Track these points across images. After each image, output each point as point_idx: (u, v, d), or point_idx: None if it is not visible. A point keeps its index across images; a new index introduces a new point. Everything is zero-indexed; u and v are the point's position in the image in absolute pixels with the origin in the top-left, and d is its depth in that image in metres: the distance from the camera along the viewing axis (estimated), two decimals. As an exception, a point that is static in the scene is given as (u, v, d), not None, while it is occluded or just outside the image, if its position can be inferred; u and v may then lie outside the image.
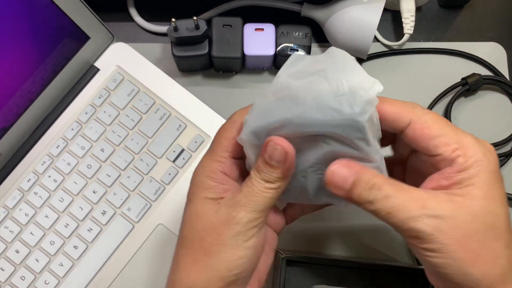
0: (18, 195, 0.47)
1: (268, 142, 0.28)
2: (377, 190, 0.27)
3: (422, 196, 0.27)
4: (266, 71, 0.53)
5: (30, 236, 0.46)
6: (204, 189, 0.30)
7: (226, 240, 0.28)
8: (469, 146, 0.27)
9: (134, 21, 0.53)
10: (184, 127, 0.49)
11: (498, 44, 0.54)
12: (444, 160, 0.28)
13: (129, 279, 0.46)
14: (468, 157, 0.27)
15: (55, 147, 0.48)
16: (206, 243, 0.29)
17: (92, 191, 0.47)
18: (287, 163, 0.28)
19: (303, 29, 0.49)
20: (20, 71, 0.43)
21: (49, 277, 0.46)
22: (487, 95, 0.53)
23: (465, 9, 0.55)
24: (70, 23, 0.45)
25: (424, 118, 0.28)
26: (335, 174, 0.28)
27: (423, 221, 0.26)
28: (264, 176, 0.28)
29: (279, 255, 0.42)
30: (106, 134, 0.48)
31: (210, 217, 0.29)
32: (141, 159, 0.48)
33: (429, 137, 0.28)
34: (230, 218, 0.28)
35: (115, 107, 0.49)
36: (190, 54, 0.48)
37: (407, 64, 0.53)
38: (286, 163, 0.28)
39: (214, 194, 0.30)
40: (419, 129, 0.28)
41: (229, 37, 0.48)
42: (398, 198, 0.27)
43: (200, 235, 0.29)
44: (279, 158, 0.28)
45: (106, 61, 0.50)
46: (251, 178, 0.29)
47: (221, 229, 0.28)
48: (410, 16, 0.51)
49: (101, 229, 0.46)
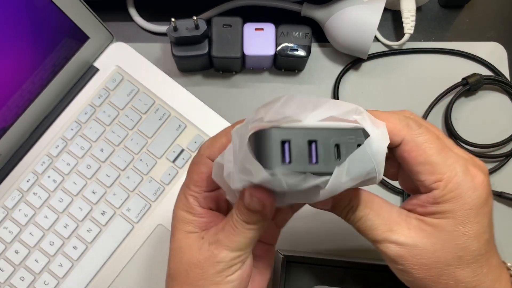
0: (17, 196, 0.47)
1: (244, 191, 0.27)
2: (352, 212, 0.29)
3: (392, 219, 0.28)
4: (266, 71, 0.53)
5: (30, 237, 0.46)
6: (185, 224, 0.30)
7: (209, 276, 0.28)
8: (453, 179, 0.27)
9: (133, 21, 0.53)
10: (184, 127, 0.48)
11: (499, 44, 0.54)
12: (424, 187, 0.28)
13: (128, 279, 0.46)
14: (447, 191, 0.27)
15: (54, 147, 0.48)
16: (190, 277, 0.29)
17: (92, 192, 0.47)
18: (266, 210, 0.27)
19: (303, 29, 0.49)
20: (20, 71, 0.43)
21: (49, 278, 0.45)
22: (487, 95, 0.52)
23: (466, 9, 0.55)
24: (70, 23, 0.44)
25: (417, 140, 0.28)
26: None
27: (386, 245, 0.28)
28: (244, 218, 0.28)
29: (279, 255, 0.41)
30: (105, 134, 0.48)
31: (194, 253, 0.29)
32: (141, 159, 0.48)
33: (416, 163, 0.28)
34: (212, 256, 0.28)
35: (114, 107, 0.49)
36: (190, 54, 0.48)
37: (407, 64, 0.53)
38: (265, 210, 0.27)
39: (195, 228, 0.30)
40: (408, 152, 0.28)
41: (229, 37, 0.48)
42: (368, 221, 0.29)
43: (184, 269, 0.29)
44: (257, 208, 0.27)
45: (106, 61, 0.50)
46: (232, 218, 0.28)
47: (204, 266, 0.28)
48: (411, 16, 0.51)
49: (100, 230, 0.46)
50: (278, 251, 0.43)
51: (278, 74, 0.53)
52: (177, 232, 0.30)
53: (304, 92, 0.52)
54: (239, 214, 0.28)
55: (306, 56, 0.49)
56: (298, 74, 0.53)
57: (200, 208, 0.30)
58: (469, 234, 0.27)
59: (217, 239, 0.29)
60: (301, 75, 0.53)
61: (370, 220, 0.29)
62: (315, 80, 0.53)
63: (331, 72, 0.53)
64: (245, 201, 0.27)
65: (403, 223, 0.28)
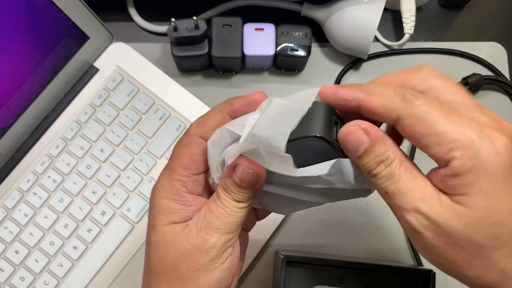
0: (17, 196, 0.47)
1: (237, 165, 0.26)
2: (385, 166, 0.25)
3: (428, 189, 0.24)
4: (266, 71, 0.53)
5: (30, 237, 0.46)
6: (169, 214, 0.28)
7: (202, 266, 0.27)
8: (468, 145, 0.23)
9: (133, 21, 0.53)
10: (184, 127, 0.48)
11: (499, 44, 0.54)
12: (439, 160, 0.24)
13: (128, 280, 0.46)
14: (465, 160, 0.23)
15: (54, 147, 0.48)
16: (181, 270, 0.27)
17: (92, 192, 0.47)
18: (258, 184, 0.27)
19: (303, 29, 0.49)
20: (20, 71, 0.43)
21: (49, 278, 0.45)
22: (487, 95, 0.52)
23: (466, 9, 0.55)
24: (70, 23, 0.44)
25: (416, 111, 0.24)
26: (351, 135, 0.25)
27: (415, 216, 0.24)
28: (234, 196, 0.27)
29: (279, 255, 0.41)
30: (105, 134, 0.48)
31: (182, 243, 0.27)
32: (141, 159, 0.48)
33: (420, 136, 0.24)
34: (203, 242, 0.27)
35: (114, 107, 0.49)
36: (190, 54, 0.48)
37: (407, 64, 0.53)
38: (257, 184, 0.27)
39: (180, 218, 0.28)
40: (408, 127, 0.24)
41: (229, 37, 0.48)
42: (401, 183, 0.24)
43: (173, 263, 0.27)
44: (251, 181, 0.26)
45: (106, 61, 0.50)
46: (220, 198, 0.27)
47: (195, 255, 0.27)
48: (411, 16, 0.51)
49: (100, 230, 0.46)
50: (278, 251, 0.43)
51: (278, 74, 0.53)
52: (158, 223, 0.28)
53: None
54: (229, 193, 0.27)
55: (306, 56, 0.49)
56: (298, 74, 0.53)
57: (188, 194, 0.28)
58: (503, 209, 0.23)
59: (206, 223, 0.27)
60: (301, 75, 0.53)
61: (404, 181, 0.24)
62: (315, 80, 0.53)
63: (331, 72, 0.53)
64: (238, 175, 0.26)
65: (437, 198, 0.24)
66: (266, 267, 0.47)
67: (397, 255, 0.48)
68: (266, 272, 0.47)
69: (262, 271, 0.47)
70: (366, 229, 0.48)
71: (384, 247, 0.48)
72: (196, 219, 0.27)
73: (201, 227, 0.27)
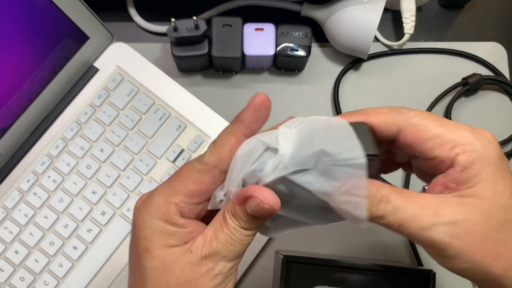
0: (17, 196, 0.47)
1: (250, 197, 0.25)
2: (386, 203, 0.25)
3: (432, 203, 0.26)
4: (266, 71, 0.53)
5: (30, 237, 0.46)
6: (166, 236, 0.26)
7: None
8: (466, 141, 0.26)
9: (133, 21, 0.53)
10: (183, 127, 0.48)
11: (499, 44, 0.54)
12: (443, 161, 0.26)
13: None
14: (469, 153, 0.26)
15: (54, 148, 0.48)
16: None
17: (92, 192, 0.47)
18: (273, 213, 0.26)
19: (303, 29, 0.49)
20: (20, 71, 0.43)
21: (49, 278, 0.45)
22: (487, 95, 0.52)
23: (466, 9, 0.55)
24: (70, 23, 0.44)
25: (413, 121, 0.27)
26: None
27: (437, 229, 0.25)
28: (243, 224, 0.26)
29: (279, 255, 0.41)
30: (105, 134, 0.48)
31: (184, 270, 0.26)
32: (141, 160, 0.48)
33: (422, 141, 0.27)
34: (209, 270, 0.26)
35: (114, 107, 0.49)
36: (190, 54, 0.48)
37: (407, 64, 0.53)
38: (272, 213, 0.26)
39: (178, 241, 0.26)
40: (410, 135, 0.27)
41: (229, 37, 0.48)
42: (408, 209, 0.25)
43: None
44: (265, 215, 0.25)
45: (106, 61, 0.50)
46: (228, 225, 0.26)
47: (198, 283, 0.26)
48: (411, 16, 0.51)
49: (100, 230, 0.46)
50: (278, 251, 0.43)
51: (278, 74, 0.53)
52: (154, 246, 0.26)
53: (304, 92, 0.52)
54: (238, 220, 0.26)
55: (306, 56, 0.49)
56: (298, 74, 0.53)
57: (182, 218, 0.27)
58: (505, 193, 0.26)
59: (213, 251, 0.26)
60: (301, 75, 0.53)
61: (410, 206, 0.25)
62: (315, 80, 0.53)
63: (331, 72, 0.53)
64: (252, 208, 0.25)
65: (445, 204, 0.26)
66: (266, 267, 0.47)
67: (397, 255, 0.48)
68: (266, 272, 0.47)
69: (262, 271, 0.47)
70: (366, 229, 0.48)
71: (384, 247, 0.48)
72: (200, 245, 0.26)
73: (206, 254, 0.26)
